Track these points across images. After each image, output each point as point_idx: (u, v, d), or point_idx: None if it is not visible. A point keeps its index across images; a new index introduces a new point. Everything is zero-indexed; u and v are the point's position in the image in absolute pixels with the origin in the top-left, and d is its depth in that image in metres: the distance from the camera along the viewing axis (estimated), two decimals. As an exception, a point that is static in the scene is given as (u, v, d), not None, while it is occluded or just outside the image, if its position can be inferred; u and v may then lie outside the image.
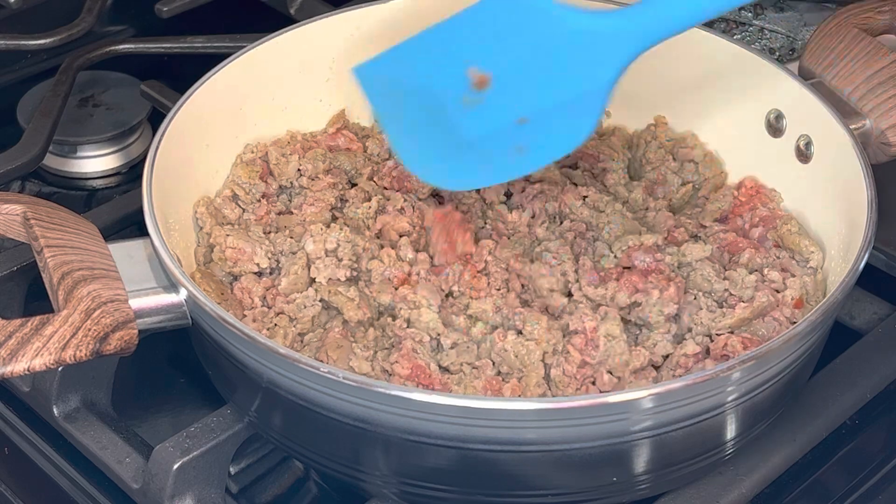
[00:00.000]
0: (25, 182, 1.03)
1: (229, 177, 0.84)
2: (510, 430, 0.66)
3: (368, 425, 0.67)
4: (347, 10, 0.90)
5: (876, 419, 0.82)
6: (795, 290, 0.77)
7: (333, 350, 0.75)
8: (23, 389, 0.82)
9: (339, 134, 0.88)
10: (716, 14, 0.74)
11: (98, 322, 0.69)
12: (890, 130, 0.82)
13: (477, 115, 0.77)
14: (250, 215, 0.82)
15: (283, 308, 0.77)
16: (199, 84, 0.83)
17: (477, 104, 0.77)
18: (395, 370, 0.73)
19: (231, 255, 0.78)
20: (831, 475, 0.80)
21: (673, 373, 0.74)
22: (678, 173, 0.87)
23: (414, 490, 0.72)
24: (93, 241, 0.74)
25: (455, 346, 0.75)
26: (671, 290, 0.76)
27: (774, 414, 0.75)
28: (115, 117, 1.05)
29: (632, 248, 0.79)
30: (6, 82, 1.13)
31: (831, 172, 0.80)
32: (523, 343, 0.74)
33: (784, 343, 0.68)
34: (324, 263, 0.78)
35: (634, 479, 0.71)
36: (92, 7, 1.12)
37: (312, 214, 0.82)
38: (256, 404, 0.73)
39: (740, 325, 0.75)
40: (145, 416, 0.84)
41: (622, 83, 0.90)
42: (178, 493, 0.74)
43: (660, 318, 0.75)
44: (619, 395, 0.66)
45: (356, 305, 0.76)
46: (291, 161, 0.85)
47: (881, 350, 0.83)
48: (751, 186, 0.85)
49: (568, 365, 0.74)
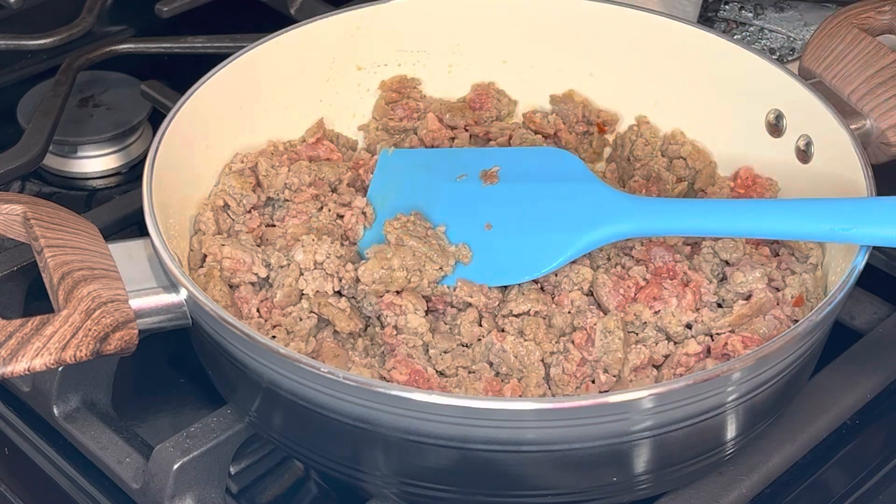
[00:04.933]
0: (25, 182, 1.03)
1: (218, 185, 0.84)
2: (510, 430, 0.66)
3: (368, 425, 0.67)
4: (347, 10, 0.90)
5: (876, 419, 0.82)
6: (795, 288, 0.78)
7: (331, 360, 0.75)
8: (23, 389, 0.82)
9: (318, 144, 0.88)
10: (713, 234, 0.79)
11: (98, 322, 0.69)
12: (890, 130, 0.82)
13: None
14: (241, 226, 0.82)
15: (279, 321, 0.77)
16: (199, 84, 0.83)
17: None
18: (392, 376, 0.73)
19: (229, 265, 0.78)
20: (831, 475, 0.80)
21: (674, 372, 0.74)
22: (669, 169, 0.88)
23: (414, 490, 0.72)
24: (93, 241, 0.74)
25: (449, 351, 0.75)
26: (689, 297, 0.76)
27: (774, 414, 0.75)
28: (115, 117, 1.05)
29: (654, 242, 0.79)
30: (6, 82, 1.13)
31: (831, 172, 0.80)
32: (523, 343, 0.74)
33: (785, 343, 0.68)
34: (312, 276, 0.78)
35: (635, 479, 0.71)
36: (92, 7, 1.12)
37: (295, 227, 0.81)
38: (256, 404, 0.73)
39: (740, 322, 0.75)
40: (145, 416, 0.84)
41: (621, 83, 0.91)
42: (178, 493, 0.74)
43: (679, 327, 0.76)
44: (620, 395, 0.66)
45: (347, 317, 0.76)
46: (280, 173, 0.84)
47: (881, 350, 0.83)
48: (746, 177, 0.86)
49: (567, 363, 0.74)
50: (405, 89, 0.92)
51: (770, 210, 0.76)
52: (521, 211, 0.80)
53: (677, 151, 0.88)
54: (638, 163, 0.89)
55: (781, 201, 0.83)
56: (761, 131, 0.85)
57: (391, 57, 0.92)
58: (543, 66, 0.92)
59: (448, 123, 0.91)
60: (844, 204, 0.74)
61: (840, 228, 0.72)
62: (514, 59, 0.93)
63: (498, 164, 0.83)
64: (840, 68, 0.85)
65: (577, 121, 0.91)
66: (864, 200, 0.75)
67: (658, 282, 0.78)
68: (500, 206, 0.81)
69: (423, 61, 0.92)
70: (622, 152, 0.90)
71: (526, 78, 0.93)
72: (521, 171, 0.82)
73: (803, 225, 0.74)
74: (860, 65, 0.84)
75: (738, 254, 0.79)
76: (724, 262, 0.79)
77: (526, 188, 0.81)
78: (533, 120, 0.91)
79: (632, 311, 0.76)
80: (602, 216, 0.78)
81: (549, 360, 0.75)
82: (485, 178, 0.82)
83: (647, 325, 0.76)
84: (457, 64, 0.93)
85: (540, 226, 0.79)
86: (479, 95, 0.92)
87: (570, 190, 0.80)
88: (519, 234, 0.79)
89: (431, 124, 0.91)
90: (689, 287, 0.77)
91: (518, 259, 0.78)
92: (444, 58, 0.92)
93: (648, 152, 0.89)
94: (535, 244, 0.78)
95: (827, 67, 0.85)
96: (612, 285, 0.77)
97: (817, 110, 0.82)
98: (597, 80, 0.92)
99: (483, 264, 0.79)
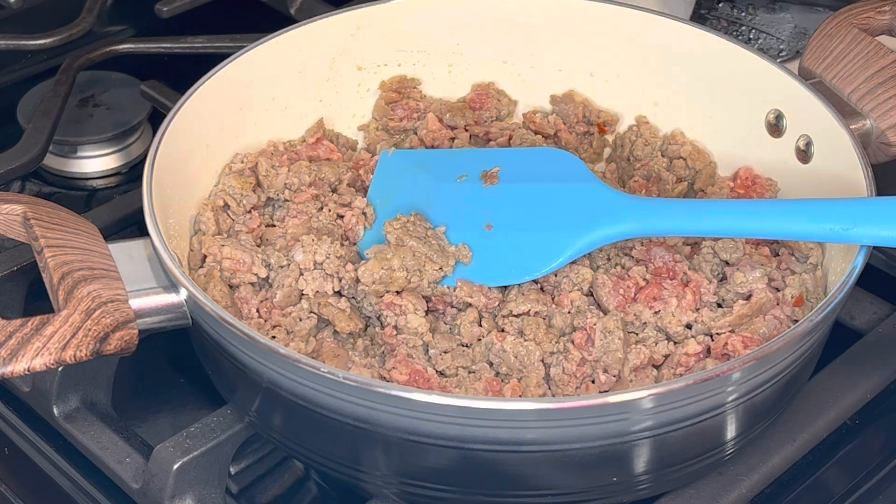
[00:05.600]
0: (25, 182, 1.03)
1: (219, 185, 0.84)
2: (510, 430, 0.66)
3: (368, 425, 0.67)
4: (347, 10, 0.90)
5: (876, 419, 0.82)
6: (795, 289, 0.78)
7: (331, 360, 0.75)
8: (23, 389, 0.82)
9: (318, 144, 0.88)
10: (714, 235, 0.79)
11: (98, 322, 0.69)
12: (890, 130, 0.82)
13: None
14: (241, 227, 0.82)
15: (279, 321, 0.77)
16: (199, 84, 0.83)
17: None
18: (392, 376, 0.73)
19: (229, 265, 0.78)
20: (831, 475, 0.80)
21: (674, 372, 0.74)
22: (669, 169, 0.88)
23: (414, 490, 0.72)
24: (93, 241, 0.74)
25: (449, 351, 0.75)
26: (688, 297, 0.76)
27: (774, 414, 0.75)
28: (115, 117, 1.05)
29: (654, 242, 0.79)
30: (6, 82, 1.13)
31: (831, 172, 0.80)
32: (523, 343, 0.74)
33: (785, 343, 0.68)
34: (312, 276, 0.78)
35: (635, 479, 0.71)
36: (92, 7, 1.12)
37: (295, 227, 0.81)
38: (256, 404, 0.73)
39: (740, 322, 0.75)
40: (145, 416, 0.84)
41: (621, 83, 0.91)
42: (178, 493, 0.74)
43: (679, 327, 0.76)
44: (620, 395, 0.66)
45: (347, 317, 0.76)
46: (280, 173, 0.84)
47: (881, 350, 0.83)
48: (746, 177, 0.86)
49: (567, 363, 0.74)
50: (405, 89, 0.92)
51: (770, 210, 0.76)
52: (521, 211, 0.80)
53: (677, 151, 0.88)
54: (638, 163, 0.89)
55: (781, 201, 0.83)
56: (761, 131, 0.85)
57: (391, 57, 0.92)
58: (543, 66, 0.92)
59: (448, 123, 0.91)
60: (844, 204, 0.74)
61: (840, 228, 0.72)
62: (514, 59, 0.93)
63: (498, 165, 0.83)
64: (840, 68, 0.85)
65: (578, 121, 0.91)
66: (864, 200, 0.75)
67: (658, 282, 0.78)
68: (499, 207, 0.81)
69: (423, 61, 0.92)
70: (622, 152, 0.90)
71: (526, 78, 0.93)
72: (521, 171, 0.82)
73: (803, 225, 0.74)
74: (860, 65, 0.84)
75: (738, 254, 0.79)
76: (724, 262, 0.79)
77: (526, 189, 0.81)
78: (533, 120, 0.91)
79: (632, 312, 0.76)
80: (602, 216, 0.78)
81: (549, 360, 0.75)
82: (485, 178, 0.82)
83: (647, 325, 0.76)
84: (457, 64, 0.93)
85: (540, 226, 0.79)
86: (479, 95, 0.92)
87: (570, 190, 0.80)
88: (519, 234, 0.79)
89: (431, 124, 0.91)
90: (689, 287, 0.77)
91: (518, 259, 0.78)
92: (444, 58, 0.93)
93: (648, 152, 0.89)
94: (535, 244, 0.78)
95: (827, 67, 0.85)
96: (611, 285, 0.77)
97: (817, 110, 0.82)
98: (597, 80, 0.92)
99: (483, 264, 0.79)
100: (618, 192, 0.79)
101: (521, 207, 0.80)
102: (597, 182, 0.80)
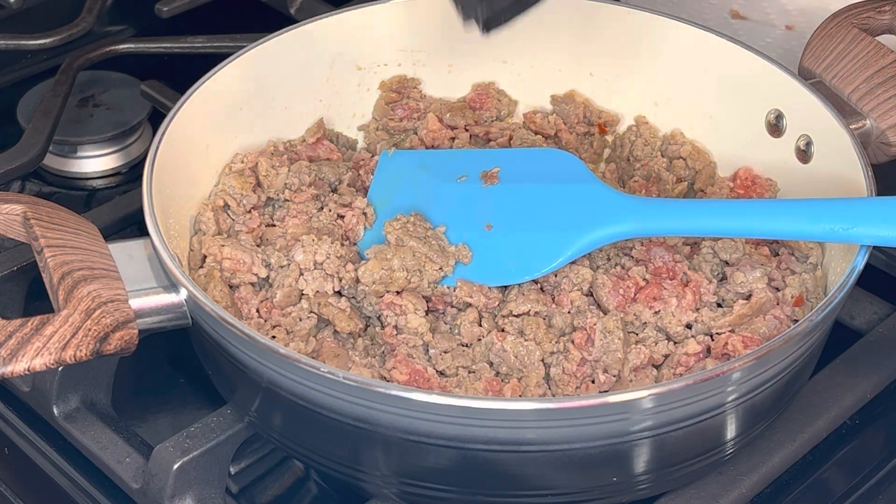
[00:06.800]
0: (25, 182, 1.03)
1: (219, 185, 0.84)
2: (510, 430, 0.66)
3: (368, 425, 0.67)
4: (347, 10, 0.90)
5: (876, 419, 0.82)
6: (795, 288, 0.78)
7: (331, 359, 0.75)
8: (23, 389, 0.82)
9: (318, 143, 0.88)
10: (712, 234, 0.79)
11: (98, 322, 0.69)
12: (890, 130, 0.82)
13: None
14: (241, 227, 0.82)
15: (279, 321, 0.77)
16: (199, 84, 0.83)
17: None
18: (393, 376, 0.73)
19: (229, 265, 0.78)
20: (831, 475, 0.80)
21: (674, 372, 0.74)
22: (669, 170, 0.88)
23: (414, 490, 0.72)
24: (93, 241, 0.74)
25: (449, 351, 0.75)
26: (688, 297, 0.76)
27: (774, 414, 0.75)
28: (115, 117, 1.05)
29: (654, 242, 0.79)
30: (6, 82, 1.13)
31: (831, 172, 0.80)
32: (523, 343, 0.75)
33: (785, 343, 0.68)
34: (312, 276, 0.78)
35: (635, 478, 0.71)
36: (92, 7, 1.12)
37: (295, 227, 0.81)
38: (256, 404, 0.73)
39: (740, 322, 0.75)
40: (145, 416, 0.84)
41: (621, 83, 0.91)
42: (178, 493, 0.74)
43: (679, 327, 0.76)
44: (620, 395, 0.66)
45: (347, 317, 0.76)
46: (281, 173, 0.84)
47: (881, 350, 0.83)
48: (746, 177, 0.86)
49: (567, 363, 0.74)
50: (405, 89, 0.92)
51: (770, 210, 0.76)
52: (521, 211, 0.80)
53: (677, 151, 0.88)
54: (638, 163, 0.89)
55: (781, 201, 0.83)
56: (761, 131, 0.86)
57: (391, 57, 0.92)
58: (543, 66, 0.92)
59: (448, 123, 0.91)
60: (844, 204, 0.74)
61: (840, 228, 0.72)
62: (514, 59, 0.93)
63: (498, 165, 0.83)
64: (840, 68, 0.85)
65: (578, 121, 0.91)
66: (864, 200, 0.75)
67: (658, 282, 0.78)
68: (500, 207, 0.81)
69: (423, 61, 0.92)
70: (622, 153, 0.90)
71: (526, 78, 0.93)
72: (521, 171, 0.83)
73: (803, 225, 0.74)
74: (860, 65, 0.84)
75: (738, 254, 0.79)
76: (724, 262, 0.79)
77: (526, 189, 0.81)
78: (533, 120, 0.91)
79: (632, 312, 0.76)
80: (602, 216, 0.78)
81: (549, 360, 0.75)
82: (485, 178, 0.82)
83: (647, 325, 0.76)
84: (457, 64, 0.93)
85: (540, 226, 0.79)
86: (479, 95, 0.92)
87: (570, 190, 0.80)
88: (519, 234, 0.79)
89: (431, 124, 0.91)
90: (688, 287, 0.77)
91: (518, 259, 0.78)
92: (444, 58, 0.92)
93: (648, 152, 0.89)
94: (535, 244, 0.79)
95: (827, 67, 0.85)
96: (611, 285, 0.77)
97: (817, 110, 0.82)
98: (596, 80, 0.92)
99: (483, 264, 0.79)
100: (618, 193, 0.79)
101: (521, 207, 0.80)
102: (597, 182, 0.80)
